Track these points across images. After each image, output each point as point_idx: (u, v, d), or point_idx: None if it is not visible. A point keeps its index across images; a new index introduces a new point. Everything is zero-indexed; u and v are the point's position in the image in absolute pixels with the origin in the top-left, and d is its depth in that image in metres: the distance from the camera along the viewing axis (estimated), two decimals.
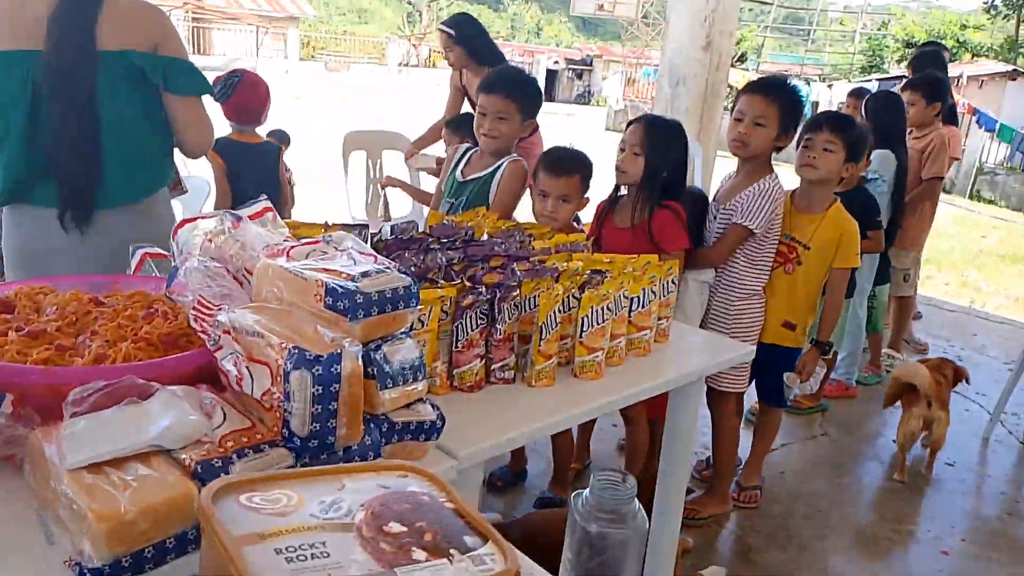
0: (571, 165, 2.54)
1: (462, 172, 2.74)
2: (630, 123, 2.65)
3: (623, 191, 2.67)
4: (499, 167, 2.62)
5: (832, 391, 4.04)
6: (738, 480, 3.07)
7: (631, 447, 2.88)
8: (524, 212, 2.73)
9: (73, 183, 2.02)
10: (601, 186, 2.74)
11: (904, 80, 4.79)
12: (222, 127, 3.37)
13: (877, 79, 17.74)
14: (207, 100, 2.25)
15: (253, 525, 0.66)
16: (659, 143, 2.53)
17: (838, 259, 2.73)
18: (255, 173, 3.31)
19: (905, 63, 5.38)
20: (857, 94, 4.83)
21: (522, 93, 2.61)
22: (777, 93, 2.60)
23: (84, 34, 1.96)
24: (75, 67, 1.96)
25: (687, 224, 2.58)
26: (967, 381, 3.58)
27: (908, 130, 4.22)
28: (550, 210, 2.52)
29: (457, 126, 3.87)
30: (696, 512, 2.84)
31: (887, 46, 26.05)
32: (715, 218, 2.72)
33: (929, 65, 4.75)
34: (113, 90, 2.02)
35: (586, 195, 2.58)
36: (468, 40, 4.29)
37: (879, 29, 28.15)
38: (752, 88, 2.69)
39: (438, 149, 4.58)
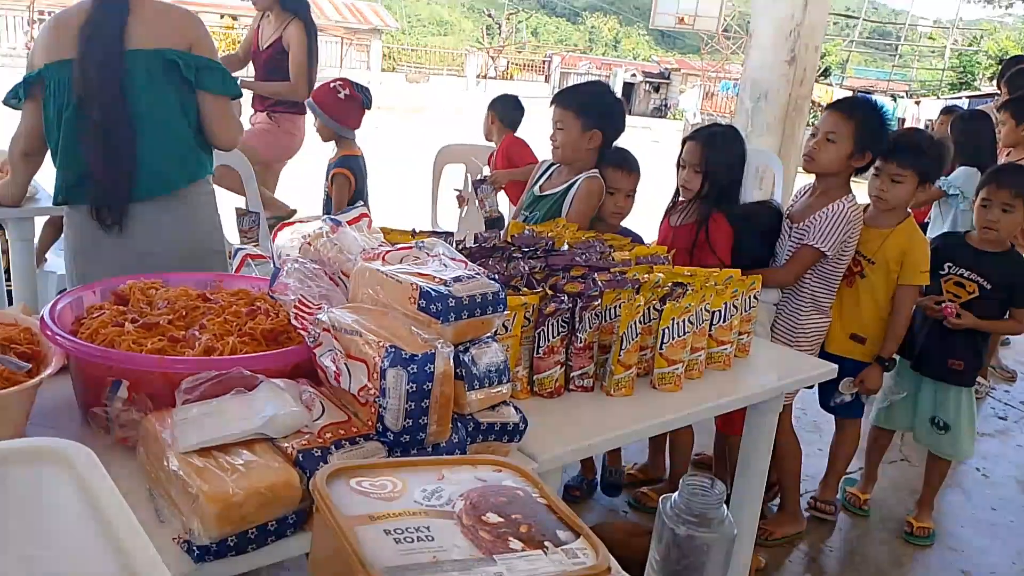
0: (636, 162, 2.71)
1: (540, 187, 2.79)
2: (685, 140, 2.71)
3: (681, 195, 2.74)
4: (574, 184, 2.66)
5: None
6: (814, 495, 3.02)
7: (674, 448, 2.97)
8: None
9: (105, 181, 2.11)
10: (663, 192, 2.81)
11: (997, 98, 4.63)
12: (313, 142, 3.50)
13: (967, 96, 17.11)
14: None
15: (363, 507, 0.70)
16: (717, 159, 2.61)
17: (903, 275, 2.66)
18: (365, 184, 3.43)
19: (999, 81, 5.17)
20: (949, 111, 4.68)
21: (576, 102, 2.67)
22: (854, 111, 2.56)
23: (111, 35, 2.07)
24: (103, 67, 2.06)
25: (747, 238, 2.63)
26: None
27: (1006, 151, 4.07)
28: (622, 205, 2.66)
29: None
30: (769, 533, 2.79)
31: (979, 63, 25.11)
32: (788, 236, 2.68)
33: None
34: (149, 86, 2.11)
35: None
36: None
37: (970, 45, 27.17)
38: (831, 104, 2.70)
39: None
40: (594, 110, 2.65)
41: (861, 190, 2.67)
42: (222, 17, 24.99)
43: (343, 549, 0.65)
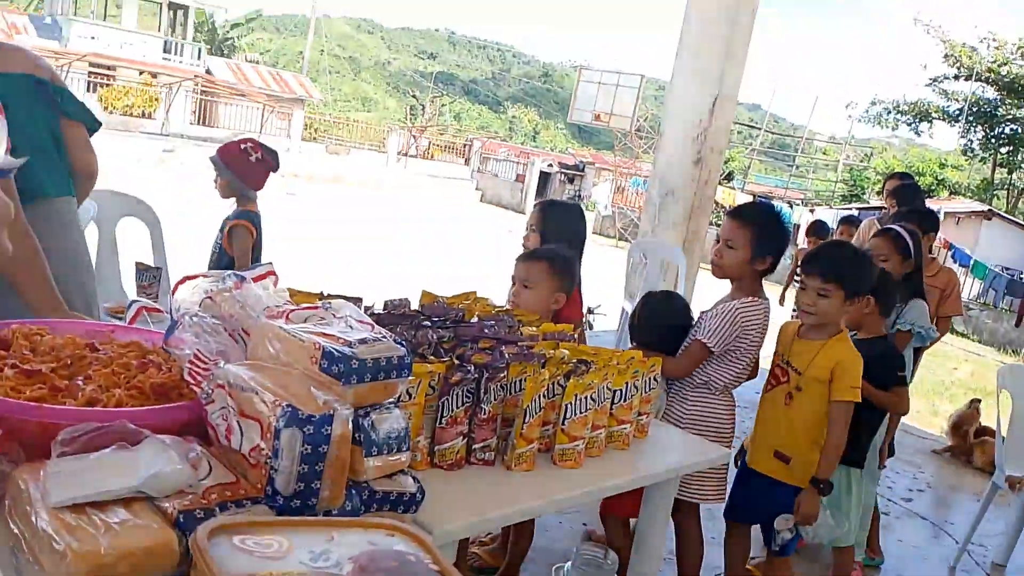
0: (538, 254, 2.55)
1: None
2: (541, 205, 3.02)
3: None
4: None
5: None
6: None
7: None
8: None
9: None
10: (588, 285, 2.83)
11: (885, 211, 4.91)
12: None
13: (858, 208, 18.36)
14: None
15: (245, 566, 0.67)
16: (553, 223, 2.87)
17: (833, 391, 2.53)
18: (263, 241, 3.37)
19: (883, 195, 5.44)
20: (847, 221, 4.87)
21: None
22: (750, 218, 2.66)
23: None
24: None
25: (660, 324, 2.69)
26: None
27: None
28: (512, 294, 2.48)
29: None
30: None
31: (868, 178, 27.00)
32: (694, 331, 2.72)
33: (913, 198, 4.89)
34: (19, 104, 2.16)
35: (560, 292, 2.49)
36: None
37: (861, 162, 29.21)
38: (730, 212, 2.78)
39: None
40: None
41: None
42: (141, 74, 24.64)
43: None
